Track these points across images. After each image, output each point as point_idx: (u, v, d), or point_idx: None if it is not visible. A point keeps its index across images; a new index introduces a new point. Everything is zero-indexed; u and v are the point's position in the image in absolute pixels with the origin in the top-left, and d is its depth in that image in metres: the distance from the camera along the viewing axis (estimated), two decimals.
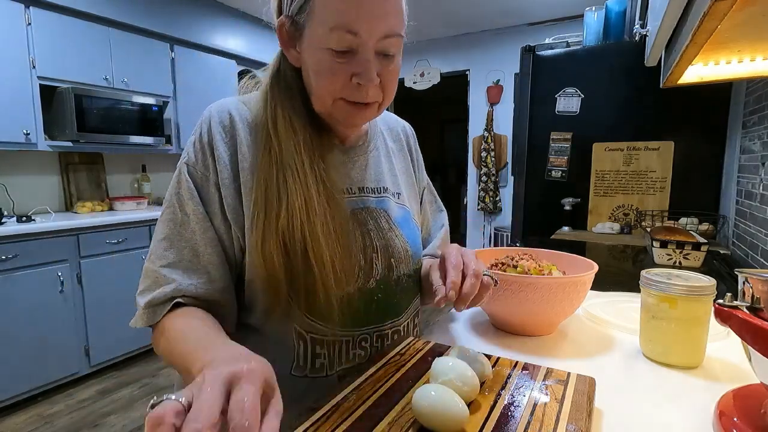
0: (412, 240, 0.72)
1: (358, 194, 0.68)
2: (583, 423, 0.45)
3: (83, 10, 2.62)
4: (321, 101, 0.61)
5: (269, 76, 0.64)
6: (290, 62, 0.63)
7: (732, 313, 0.45)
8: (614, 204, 2.11)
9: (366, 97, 0.59)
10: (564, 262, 0.83)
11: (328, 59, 0.56)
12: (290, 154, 0.59)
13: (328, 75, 0.57)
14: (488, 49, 4.37)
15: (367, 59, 0.56)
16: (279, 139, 0.59)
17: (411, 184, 0.80)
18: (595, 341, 0.75)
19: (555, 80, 2.20)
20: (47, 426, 2.12)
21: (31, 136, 2.44)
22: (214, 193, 0.60)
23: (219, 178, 0.60)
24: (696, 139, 1.94)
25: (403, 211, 0.73)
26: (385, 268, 0.68)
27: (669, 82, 1.14)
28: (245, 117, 0.63)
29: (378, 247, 0.67)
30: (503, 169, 4.41)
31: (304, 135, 0.61)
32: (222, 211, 0.61)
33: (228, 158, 0.61)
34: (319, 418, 0.46)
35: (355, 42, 0.55)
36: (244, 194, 0.60)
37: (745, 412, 0.48)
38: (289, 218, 0.57)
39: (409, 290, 0.73)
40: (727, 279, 1.18)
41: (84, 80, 2.65)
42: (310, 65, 0.59)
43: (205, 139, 0.61)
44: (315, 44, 0.56)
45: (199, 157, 0.61)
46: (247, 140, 0.62)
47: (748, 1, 0.59)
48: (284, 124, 0.60)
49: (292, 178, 0.58)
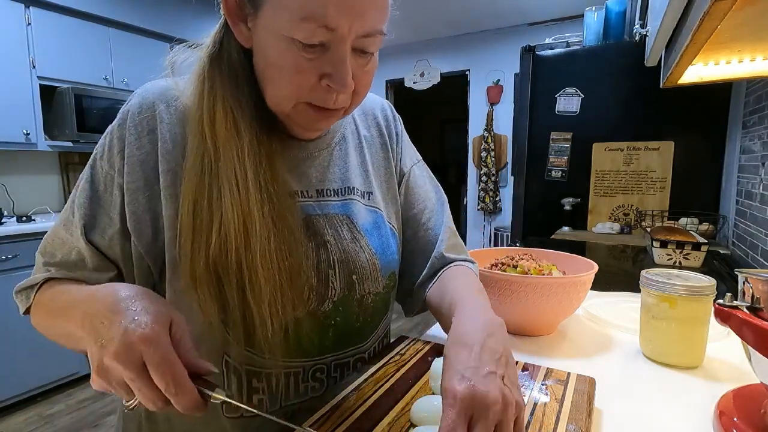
0: (383, 250, 0.61)
1: (316, 198, 0.58)
2: (583, 423, 0.45)
3: (83, 10, 2.62)
4: (279, 102, 0.50)
5: (207, 54, 0.51)
6: (236, 40, 0.50)
7: (732, 313, 0.45)
8: (614, 204, 2.11)
9: (335, 103, 0.49)
10: (564, 262, 0.83)
11: (293, 52, 0.45)
12: (229, 162, 0.48)
13: (292, 72, 0.46)
14: (488, 49, 4.37)
15: (342, 59, 0.45)
16: (216, 144, 0.48)
17: (389, 177, 0.67)
18: (595, 341, 0.75)
19: (555, 80, 2.20)
20: (47, 426, 2.12)
21: (31, 136, 2.44)
22: (117, 195, 0.51)
23: (124, 181, 0.50)
24: (696, 139, 1.94)
25: (373, 215, 0.62)
26: (345, 286, 0.57)
27: (669, 82, 1.14)
28: (175, 106, 0.52)
29: (336, 261, 0.56)
30: (503, 169, 4.40)
31: (250, 137, 0.49)
32: (122, 220, 0.51)
33: (142, 158, 0.50)
34: (319, 418, 0.46)
35: (329, 37, 0.44)
36: (164, 205, 0.50)
37: (745, 412, 0.48)
38: (221, 245, 0.46)
39: (376, 311, 0.62)
40: (727, 279, 1.18)
41: (84, 80, 2.65)
42: (267, 54, 0.47)
43: (117, 133, 0.51)
44: (276, 30, 0.45)
45: (106, 152, 0.52)
46: (173, 137, 0.51)
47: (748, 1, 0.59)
48: (225, 124, 0.48)
49: (229, 194, 0.47)
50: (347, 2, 0.43)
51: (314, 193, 0.58)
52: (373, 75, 0.51)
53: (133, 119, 0.51)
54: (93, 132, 2.65)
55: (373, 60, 0.50)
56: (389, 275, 0.63)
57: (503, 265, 0.79)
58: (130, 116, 0.51)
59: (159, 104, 0.52)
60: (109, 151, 0.51)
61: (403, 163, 0.71)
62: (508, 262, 0.80)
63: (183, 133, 0.51)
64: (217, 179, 0.47)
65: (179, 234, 0.48)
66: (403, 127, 0.73)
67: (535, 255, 0.84)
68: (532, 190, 2.33)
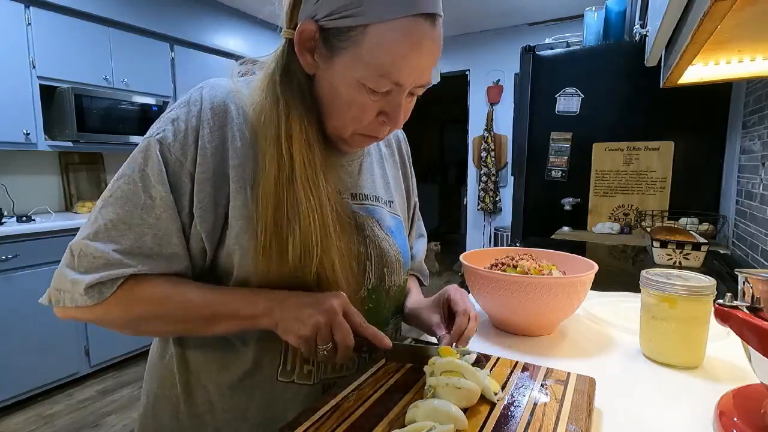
0: (404, 249, 0.71)
1: (352, 200, 0.65)
2: (583, 423, 0.45)
3: (83, 10, 2.62)
4: (339, 129, 0.58)
5: (278, 71, 0.57)
6: (301, 65, 0.57)
7: (732, 313, 0.45)
8: (614, 204, 2.11)
9: (384, 134, 0.59)
10: (564, 262, 0.83)
11: (363, 95, 0.54)
12: (304, 173, 0.55)
13: (358, 110, 0.55)
14: (488, 49, 4.37)
15: (400, 103, 0.55)
16: (293, 155, 0.54)
17: (402, 193, 0.78)
18: (595, 341, 0.75)
19: (555, 80, 2.19)
20: (47, 426, 2.12)
21: (31, 136, 2.44)
22: (187, 183, 0.54)
23: (196, 171, 0.54)
24: (696, 139, 1.94)
25: (395, 221, 0.71)
26: (378, 277, 0.65)
27: (669, 82, 1.14)
28: (242, 108, 0.57)
29: (372, 255, 0.64)
30: (503, 169, 4.41)
31: (320, 152, 0.57)
32: (190, 206, 0.54)
33: (212, 151, 0.55)
34: (319, 418, 0.46)
35: (395, 88, 0.54)
36: (233, 196, 0.55)
37: (745, 412, 0.48)
38: (302, 248, 0.54)
39: (398, 300, 0.72)
40: (727, 279, 1.18)
41: (84, 80, 2.65)
42: (338, 91, 0.55)
43: (192, 122, 0.55)
44: (350, 75, 0.53)
45: (178, 139, 0.54)
46: (242, 136, 0.56)
47: (748, 1, 0.59)
48: (300, 139, 0.55)
49: (306, 201, 0.54)
50: (417, 68, 0.53)
51: (350, 196, 0.65)
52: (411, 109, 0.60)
53: (206, 113, 0.55)
54: (93, 132, 2.65)
55: (414, 99, 0.59)
56: (407, 271, 0.73)
57: (503, 265, 0.79)
58: (203, 110, 0.55)
59: (230, 102, 0.57)
60: (184, 139, 0.54)
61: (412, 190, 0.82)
62: (508, 262, 0.80)
63: (250, 136, 0.56)
64: (294, 187, 0.54)
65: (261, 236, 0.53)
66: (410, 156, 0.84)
67: (535, 255, 0.84)
68: (532, 190, 2.33)
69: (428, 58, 0.53)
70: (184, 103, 0.56)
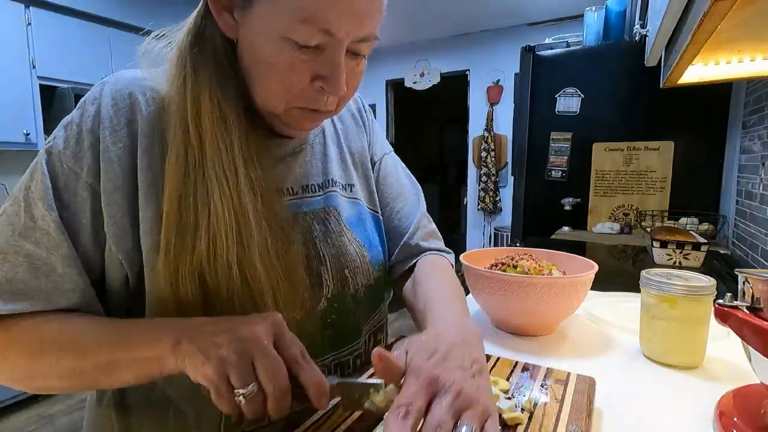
0: (369, 242, 0.61)
1: (301, 194, 0.56)
2: (583, 423, 0.45)
3: (83, 10, 2.62)
4: (269, 101, 0.48)
5: (187, 41, 0.48)
6: (219, 28, 0.47)
7: (732, 313, 0.45)
8: (614, 204, 2.11)
9: (325, 104, 0.48)
10: (564, 262, 0.83)
11: (288, 52, 0.44)
12: (216, 157, 0.45)
13: (285, 72, 0.45)
14: (488, 49, 4.37)
15: (337, 61, 0.45)
16: (202, 138, 0.45)
17: (365, 168, 0.67)
18: (595, 341, 0.75)
19: (555, 80, 2.19)
20: (47, 426, 2.13)
21: (31, 136, 2.44)
22: (86, 198, 0.45)
23: (99, 181, 0.45)
24: (696, 139, 1.94)
25: (356, 208, 0.61)
26: (338, 282, 0.56)
27: (669, 82, 1.14)
28: (153, 97, 0.48)
29: (327, 257, 0.55)
30: (503, 169, 4.41)
31: (238, 132, 0.47)
32: (93, 225, 0.45)
33: (119, 154, 0.45)
34: (319, 418, 0.46)
35: (326, 39, 0.44)
36: (143, 205, 0.45)
37: (745, 412, 0.48)
38: (210, 244, 0.44)
39: (370, 305, 0.62)
40: (727, 279, 1.18)
41: (84, 80, 2.65)
42: (258, 50, 0.45)
43: (86, 124, 0.46)
44: (270, 28, 0.43)
45: (70, 145, 0.45)
46: (152, 130, 0.47)
47: (748, 1, 0.59)
48: (212, 116, 0.45)
49: (218, 191, 0.44)
50: (349, 8, 0.42)
51: (299, 189, 0.56)
52: (361, 77, 0.51)
53: (107, 110, 0.46)
54: None
55: (362, 62, 0.49)
56: (379, 267, 0.62)
57: (503, 265, 0.79)
58: (103, 107, 0.46)
59: (137, 94, 0.47)
60: (77, 145, 0.45)
61: (374, 152, 0.70)
62: (508, 262, 0.80)
63: (162, 127, 0.47)
64: (203, 175, 0.44)
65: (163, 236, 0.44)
66: (374, 117, 0.74)
67: (535, 255, 0.84)
68: (532, 190, 2.33)
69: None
70: (81, 104, 0.47)
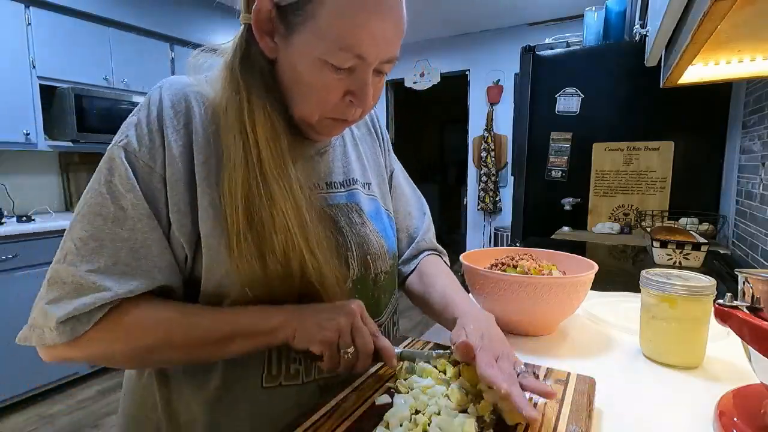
0: (386, 234, 0.68)
1: (326, 190, 0.63)
2: (583, 423, 0.45)
3: (83, 10, 2.62)
4: (306, 115, 0.55)
5: (237, 58, 0.54)
6: (261, 49, 0.54)
7: (732, 313, 0.45)
8: (614, 204, 2.11)
9: (353, 116, 0.56)
10: (564, 262, 0.83)
11: (326, 74, 0.51)
12: (273, 162, 0.52)
13: (322, 90, 0.52)
14: (488, 49, 4.37)
15: (366, 81, 0.52)
16: (259, 146, 0.52)
17: (379, 170, 0.75)
18: (595, 341, 0.75)
19: (555, 80, 2.19)
20: (47, 426, 2.12)
21: (31, 136, 2.44)
22: (160, 189, 0.51)
23: (166, 173, 0.51)
24: (696, 139, 1.94)
25: (374, 204, 0.69)
26: (362, 266, 0.63)
27: (669, 82, 1.14)
28: (203, 102, 0.55)
29: (352, 244, 0.62)
30: (503, 169, 4.40)
31: (286, 138, 0.55)
32: (166, 214, 0.52)
33: (180, 151, 0.52)
34: (318, 418, 0.46)
35: (358, 63, 0.51)
36: (200, 196, 0.52)
37: (745, 412, 0.48)
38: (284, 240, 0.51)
39: (387, 288, 0.69)
40: (727, 279, 1.18)
41: (84, 80, 2.65)
42: (299, 72, 0.52)
43: (154, 124, 0.52)
44: (310, 53, 0.50)
45: (144, 143, 0.51)
46: (206, 132, 0.54)
47: (748, 1, 0.59)
48: (265, 127, 0.52)
49: (280, 192, 0.52)
50: (381, 39, 0.50)
51: (324, 185, 0.63)
52: (382, 90, 0.58)
53: (168, 112, 0.53)
54: (93, 132, 2.65)
55: (383, 78, 0.57)
56: (393, 255, 0.70)
57: (503, 265, 0.79)
58: (165, 109, 0.53)
59: (191, 98, 0.54)
60: (150, 142, 0.51)
61: (388, 163, 0.80)
62: (508, 262, 0.80)
63: (215, 130, 0.53)
64: (264, 178, 0.51)
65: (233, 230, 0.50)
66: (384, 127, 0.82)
67: (535, 255, 0.84)
68: (532, 190, 2.33)
69: (390, 27, 0.50)
70: (144, 106, 0.53)
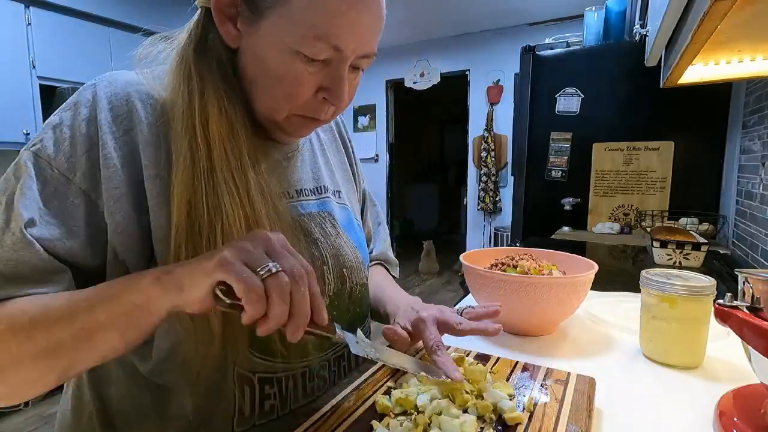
0: (359, 244, 0.65)
1: (297, 198, 0.58)
2: (583, 423, 0.45)
3: (83, 10, 2.62)
4: (272, 110, 0.49)
5: (191, 46, 0.48)
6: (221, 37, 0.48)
7: (732, 313, 0.45)
8: (614, 204, 2.11)
9: (326, 115, 0.51)
10: (564, 262, 0.83)
11: (297, 65, 0.46)
12: (225, 164, 0.45)
13: (293, 83, 0.47)
14: (488, 49, 4.37)
15: (342, 76, 0.48)
16: (210, 145, 0.45)
17: (348, 179, 0.71)
18: (595, 341, 0.75)
19: (555, 80, 2.19)
20: (47, 426, 2.12)
21: (31, 136, 2.44)
22: (76, 204, 0.43)
23: (96, 188, 0.44)
24: (696, 139, 1.94)
25: (345, 213, 0.65)
26: (338, 280, 0.59)
27: (669, 82, 1.14)
28: (150, 102, 0.47)
29: (327, 257, 0.57)
30: (503, 169, 4.41)
31: (245, 137, 0.48)
32: (88, 232, 0.44)
33: (122, 162, 0.44)
34: (318, 419, 0.46)
35: (333, 55, 0.46)
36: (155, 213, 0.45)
37: (745, 412, 0.48)
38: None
39: (363, 302, 0.65)
40: (727, 279, 1.18)
41: (84, 80, 2.62)
42: (266, 62, 0.46)
43: (81, 128, 0.44)
44: (281, 41, 0.45)
45: (62, 149, 0.43)
46: (154, 137, 0.46)
47: (748, 1, 0.59)
48: (220, 124, 0.46)
49: (229, 197, 0.44)
50: (359, 28, 0.46)
51: (294, 193, 0.58)
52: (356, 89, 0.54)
53: (104, 115, 0.45)
54: None
55: (359, 75, 0.53)
56: (367, 267, 0.67)
57: (503, 265, 0.79)
58: (100, 110, 0.45)
59: (133, 100, 0.47)
60: (71, 149, 0.43)
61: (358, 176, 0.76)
62: (508, 262, 0.80)
63: (166, 133, 0.46)
64: (212, 182, 0.44)
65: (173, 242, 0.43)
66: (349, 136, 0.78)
67: (535, 255, 0.84)
68: (532, 190, 2.33)
69: (370, 19, 0.46)
70: (70, 106, 0.45)
